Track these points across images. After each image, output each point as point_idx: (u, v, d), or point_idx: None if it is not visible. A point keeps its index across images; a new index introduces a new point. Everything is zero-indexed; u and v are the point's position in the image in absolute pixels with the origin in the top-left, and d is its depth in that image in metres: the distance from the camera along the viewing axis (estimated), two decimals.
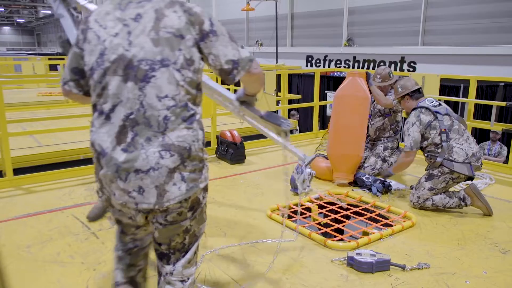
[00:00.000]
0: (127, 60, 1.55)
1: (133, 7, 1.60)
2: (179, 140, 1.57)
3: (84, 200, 3.94)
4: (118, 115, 1.56)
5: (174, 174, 1.56)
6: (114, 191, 1.61)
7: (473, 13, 9.10)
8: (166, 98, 1.55)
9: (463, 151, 3.56)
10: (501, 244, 3.08)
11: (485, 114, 7.49)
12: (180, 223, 1.67)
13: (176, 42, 1.56)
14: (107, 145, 1.58)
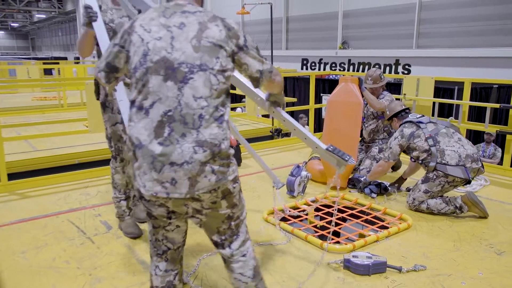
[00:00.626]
0: (169, 62, 1.72)
1: (178, 16, 1.79)
2: (211, 138, 1.71)
3: (79, 204, 3.92)
4: (157, 111, 1.71)
5: (205, 168, 1.70)
6: (145, 183, 1.72)
7: (466, 16, 9.17)
8: (201, 99, 1.71)
9: (455, 153, 3.57)
10: (497, 245, 3.09)
11: (480, 116, 7.54)
12: (219, 211, 1.83)
13: (215, 51, 1.75)
14: (144, 138, 1.71)
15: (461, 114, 5.44)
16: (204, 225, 1.90)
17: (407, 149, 3.81)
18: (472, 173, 3.56)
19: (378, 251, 2.95)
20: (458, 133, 3.78)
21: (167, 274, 1.97)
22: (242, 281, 1.94)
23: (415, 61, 10.29)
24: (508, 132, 5.04)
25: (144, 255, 2.93)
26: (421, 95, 5.77)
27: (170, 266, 1.98)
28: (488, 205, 3.67)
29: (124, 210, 3.27)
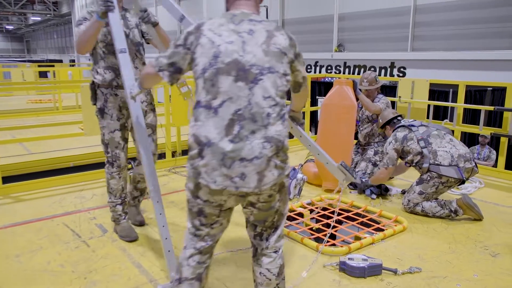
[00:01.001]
0: (240, 64, 1.83)
1: (246, 23, 1.92)
2: (277, 134, 1.84)
3: (74, 208, 3.91)
4: (227, 110, 1.81)
5: (270, 162, 1.82)
6: (215, 178, 1.81)
7: (461, 19, 9.22)
8: (269, 98, 1.84)
9: (447, 154, 3.60)
10: (491, 247, 3.10)
11: (474, 118, 7.58)
12: (272, 204, 1.94)
13: (281, 57, 1.90)
14: (214, 136, 1.80)
15: (456, 117, 5.47)
16: (254, 216, 2.00)
17: (402, 153, 3.84)
18: (465, 173, 3.57)
19: (373, 253, 2.96)
20: (449, 134, 3.82)
21: (199, 266, 2.04)
22: (266, 277, 2.04)
23: (410, 63, 10.33)
24: (502, 135, 5.07)
25: (140, 259, 2.92)
26: (416, 97, 5.79)
27: (203, 259, 2.05)
28: (483, 207, 3.69)
29: (119, 214, 3.27)
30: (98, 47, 3.02)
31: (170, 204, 4.02)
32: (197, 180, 1.86)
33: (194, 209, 1.96)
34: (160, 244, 3.13)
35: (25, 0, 34.75)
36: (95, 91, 3.10)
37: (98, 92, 3.10)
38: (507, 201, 4.14)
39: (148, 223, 3.54)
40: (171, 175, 5.01)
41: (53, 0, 34.92)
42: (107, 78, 3.04)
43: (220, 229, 2.05)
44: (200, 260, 2.03)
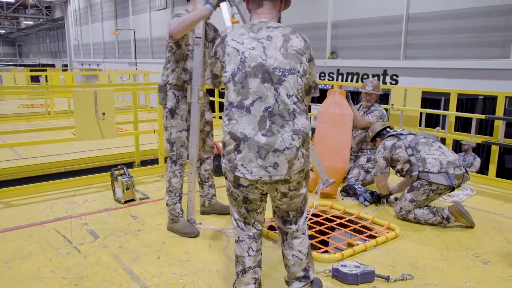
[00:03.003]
0: (265, 67, 2.08)
1: (264, 30, 2.15)
2: (303, 127, 2.11)
3: (66, 213, 3.87)
4: (258, 108, 2.06)
5: (298, 152, 2.09)
6: (251, 169, 2.07)
7: (453, 28, 9.33)
8: (292, 96, 2.09)
9: (436, 161, 3.63)
10: (483, 255, 3.12)
11: (466, 126, 7.65)
12: (300, 191, 2.21)
13: (299, 58, 2.13)
14: (249, 131, 2.05)
15: (448, 125, 5.52)
16: (287, 205, 2.25)
17: (391, 161, 3.87)
18: (456, 179, 3.60)
19: (366, 260, 2.96)
20: (438, 142, 3.86)
21: (258, 254, 2.31)
22: (298, 257, 2.29)
23: (403, 71, 10.42)
24: (493, 143, 5.12)
25: (131, 265, 2.89)
26: (408, 105, 5.84)
27: (258, 246, 2.32)
28: (474, 215, 3.72)
29: (178, 212, 3.43)
30: (186, 48, 3.22)
31: (163, 209, 3.99)
32: (234, 173, 2.11)
33: (240, 198, 2.23)
34: (152, 250, 3.12)
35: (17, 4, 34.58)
36: (166, 92, 3.26)
37: (169, 93, 3.27)
38: (498, 209, 4.17)
39: (140, 229, 3.51)
40: (164, 180, 4.98)
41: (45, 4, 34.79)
42: (183, 79, 3.25)
43: (262, 214, 2.32)
44: (257, 248, 2.31)
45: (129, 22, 23.03)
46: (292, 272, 2.33)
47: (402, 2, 10.17)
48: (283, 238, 2.34)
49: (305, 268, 2.32)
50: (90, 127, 4.52)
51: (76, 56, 31.79)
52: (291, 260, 2.31)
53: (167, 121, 3.33)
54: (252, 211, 2.26)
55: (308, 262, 2.33)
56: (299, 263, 2.30)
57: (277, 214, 2.33)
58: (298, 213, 2.29)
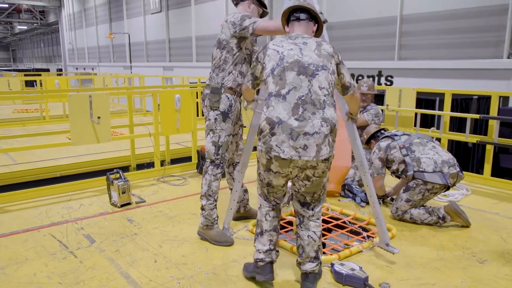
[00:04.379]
0: (301, 62, 2.42)
1: (300, 39, 2.54)
2: (331, 117, 2.38)
3: (61, 218, 3.85)
4: (293, 96, 2.37)
5: (326, 139, 2.36)
6: (284, 149, 2.34)
7: (446, 29, 9.38)
8: (324, 89, 2.40)
9: (431, 160, 3.65)
10: (479, 254, 3.14)
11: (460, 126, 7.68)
12: (322, 179, 2.51)
13: (330, 59, 2.48)
14: (284, 116, 2.34)
15: (443, 125, 5.55)
16: (307, 188, 2.54)
17: (387, 162, 3.88)
18: (450, 178, 3.62)
19: (362, 261, 2.96)
20: (432, 142, 3.89)
21: (274, 220, 2.64)
22: (312, 238, 2.57)
23: (397, 72, 10.46)
24: (488, 142, 5.15)
25: (128, 269, 2.88)
26: (403, 106, 5.86)
27: (276, 214, 2.66)
28: (470, 214, 3.73)
29: (214, 218, 3.32)
30: (246, 52, 3.27)
31: (159, 213, 3.99)
32: (269, 155, 2.39)
33: (265, 181, 2.56)
34: (148, 253, 3.11)
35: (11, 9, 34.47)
36: (220, 95, 3.22)
37: (223, 96, 3.23)
38: (493, 208, 4.19)
39: (136, 233, 3.50)
40: (160, 184, 4.98)
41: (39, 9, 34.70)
42: (238, 82, 3.25)
43: (282, 193, 2.63)
44: (274, 215, 2.64)
45: (124, 25, 23.00)
46: (306, 253, 2.58)
47: (395, 3, 10.22)
48: (300, 220, 2.64)
49: (317, 249, 2.59)
50: (86, 131, 4.51)
51: (70, 61, 31.71)
52: (305, 240, 2.58)
53: (216, 124, 3.23)
54: (272, 193, 2.61)
55: (319, 244, 2.61)
56: (312, 244, 2.57)
57: (296, 198, 2.63)
58: (315, 199, 2.58)
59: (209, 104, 3.25)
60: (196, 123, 5.71)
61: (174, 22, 18.95)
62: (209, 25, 16.42)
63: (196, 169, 5.54)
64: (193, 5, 17.41)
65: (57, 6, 31.53)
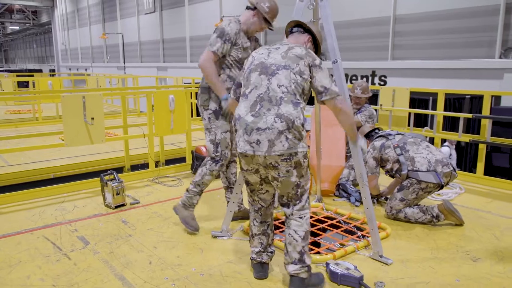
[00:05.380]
0: (264, 64, 2.53)
1: (277, 44, 2.65)
2: (287, 113, 2.37)
3: (55, 220, 3.83)
4: (253, 94, 2.46)
5: (281, 135, 2.35)
6: (240, 143, 2.45)
7: (439, 29, 9.44)
8: (282, 86, 2.43)
9: (424, 159, 3.68)
10: (472, 252, 3.16)
11: (454, 125, 7.74)
12: (291, 178, 2.46)
13: (297, 60, 2.50)
14: (242, 113, 2.46)
15: (436, 124, 5.58)
16: (279, 188, 2.54)
17: (381, 161, 3.90)
18: (444, 177, 3.64)
19: (357, 261, 2.98)
20: (425, 141, 3.92)
21: (262, 225, 2.70)
22: (293, 238, 2.52)
23: (391, 72, 10.51)
24: (480, 141, 5.19)
25: (123, 271, 2.87)
26: (397, 105, 5.89)
27: (264, 219, 2.71)
28: (463, 213, 3.76)
29: (193, 203, 3.49)
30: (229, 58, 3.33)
31: (154, 214, 3.98)
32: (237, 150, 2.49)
33: (244, 179, 2.65)
34: (143, 255, 3.10)
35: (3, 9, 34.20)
36: (210, 94, 3.33)
37: (212, 95, 3.34)
38: (487, 207, 4.22)
39: (131, 234, 3.49)
40: (154, 185, 4.96)
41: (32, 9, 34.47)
42: (227, 85, 3.33)
43: (268, 195, 2.67)
44: (261, 220, 2.70)
45: (117, 26, 22.92)
46: (288, 252, 2.54)
47: (389, 4, 10.27)
48: (285, 218, 2.63)
49: (301, 251, 2.51)
50: (79, 132, 4.48)
51: (63, 61, 31.53)
52: (287, 239, 2.55)
53: (211, 123, 3.38)
54: (254, 191, 2.66)
55: (304, 246, 2.52)
56: (294, 244, 2.52)
57: (278, 196, 2.64)
58: (290, 198, 2.54)
59: (200, 104, 3.40)
60: (190, 124, 5.70)
61: (168, 22, 18.92)
62: (203, 25, 16.40)
63: (191, 170, 5.53)
64: (187, 5, 17.38)
65: (50, 6, 31.35)
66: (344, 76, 3.07)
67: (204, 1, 16.52)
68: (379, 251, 3.02)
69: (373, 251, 3.06)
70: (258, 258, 2.74)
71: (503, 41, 8.45)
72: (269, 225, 2.73)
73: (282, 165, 2.40)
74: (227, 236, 3.40)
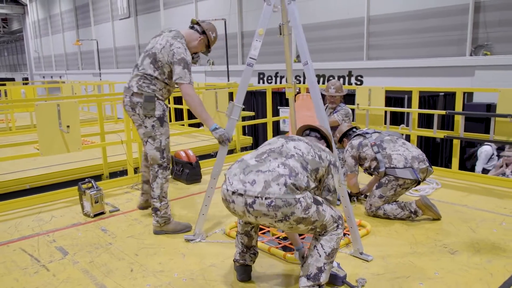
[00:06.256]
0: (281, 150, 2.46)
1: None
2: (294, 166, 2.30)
3: (32, 231, 3.74)
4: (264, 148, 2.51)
5: (280, 178, 2.23)
6: (232, 181, 2.33)
7: (412, 29, 9.65)
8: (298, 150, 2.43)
9: (401, 156, 3.75)
10: (450, 245, 3.23)
11: (429, 122, 7.90)
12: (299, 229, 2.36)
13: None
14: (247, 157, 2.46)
15: (411, 122, 5.69)
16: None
17: (360, 159, 3.96)
18: (420, 173, 3.72)
19: (339, 258, 3.00)
20: (402, 139, 4.00)
21: (246, 226, 2.66)
22: (318, 252, 2.39)
23: (367, 72, 10.68)
24: (455, 137, 5.32)
25: (104, 280, 2.82)
26: (373, 104, 5.98)
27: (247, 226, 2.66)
28: (440, 207, 3.84)
29: (169, 214, 3.58)
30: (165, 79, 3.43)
31: (134, 221, 3.93)
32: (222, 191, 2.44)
33: None
34: (124, 263, 3.06)
35: None
36: (155, 103, 3.38)
37: (157, 103, 3.40)
38: (462, 200, 4.33)
39: (111, 242, 3.44)
40: (134, 191, 4.90)
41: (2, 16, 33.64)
42: (167, 96, 3.53)
43: None
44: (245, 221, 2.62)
45: (92, 32, 22.58)
46: (307, 265, 2.40)
47: (362, 5, 10.44)
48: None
49: (321, 268, 2.37)
50: (55, 141, 4.40)
51: (37, 69, 30.85)
52: (311, 250, 2.42)
53: (155, 130, 3.41)
54: None
55: (326, 264, 2.38)
56: (316, 257, 2.38)
57: None
58: (316, 233, 2.42)
59: (144, 113, 3.38)
60: None
61: (143, 27, 18.74)
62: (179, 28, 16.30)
63: (171, 175, 5.48)
64: (162, 10, 17.27)
65: (21, 14, 30.65)
66: (316, 78, 3.10)
67: (180, 5, 16.45)
68: (360, 248, 3.05)
69: (353, 248, 3.10)
70: (242, 260, 2.73)
71: (473, 39, 8.70)
72: (254, 227, 2.69)
73: (280, 226, 2.30)
74: (200, 239, 3.42)
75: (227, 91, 6.36)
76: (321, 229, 2.38)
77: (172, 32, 3.43)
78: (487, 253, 3.09)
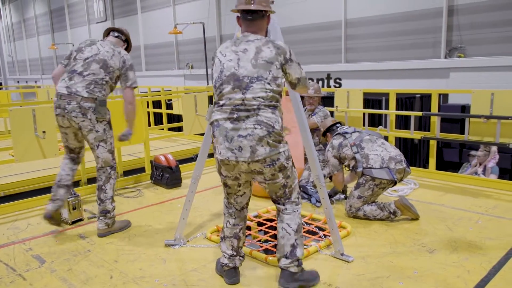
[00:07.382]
0: (236, 75, 2.48)
1: (243, 44, 2.56)
2: (266, 119, 2.42)
3: (7, 240, 3.64)
4: (228, 106, 2.47)
5: (262, 141, 2.39)
6: (221, 150, 2.45)
7: (388, 32, 9.81)
8: (258, 98, 2.43)
9: (378, 157, 3.81)
10: (428, 244, 3.29)
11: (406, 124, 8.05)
12: (276, 181, 2.53)
13: (268, 66, 2.48)
14: (220, 119, 2.48)
15: (389, 123, 5.79)
16: (267, 189, 2.62)
17: (340, 159, 4.00)
18: (397, 174, 3.78)
19: (320, 260, 3.03)
20: (381, 139, 4.05)
21: (234, 228, 2.72)
22: (286, 231, 2.58)
23: (345, 74, 10.81)
24: (431, 138, 5.43)
25: (83, 287, 2.77)
26: (351, 106, 6.06)
27: (236, 222, 2.72)
28: (419, 207, 3.92)
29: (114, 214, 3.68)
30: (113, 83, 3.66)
31: None
32: (216, 157, 2.51)
33: (222, 181, 2.66)
34: (103, 270, 3.01)
35: None
36: (106, 107, 3.55)
37: (106, 107, 3.56)
38: (439, 200, 4.42)
39: (90, 250, 3.38)
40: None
41: None
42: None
43: (244, 198, 2.70)
44: (234, 223, 2.71)
45: (68, 35, 22.18)
46: (281, 246, 2.58)
47: (339, 8, 10.58)
48: (277, 213, 2.69)
49: (293, 244, 2.56)
50: (30, 147, 4.30)
51: (11, 74, 30.10)
52: (280, 233, 2.60)
53: (106, 134, 3.60)
54: (231, 194, 2.68)
55: (297, 239, 2.58)
56: (287, 237, 2.57)
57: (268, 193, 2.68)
58: (280, 196, 2.62)
59: (97, 117, 3.49)
60: (148, 133, 5.60)
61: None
62: (158, 33, 16.19)
63: (151, 180, 5.43)
64: (139, 13, 17.11)
65: None
66: None
67: (158, 9, 16.33)
68: (340, 250, 3.08)
69: (334, 249, 3.12)
70: (231, 264, 2.73)
71: (447, 42, 8.91)
72: (242, 228, 2.74)
73: (267, 171, 2.46)
74: (180, 244, 3.39)
75: (206, 95, 6.35)
76: (289, 192, 2.61)
77: (105, 41, 3.68)
78: (464, 251, 3.16)
